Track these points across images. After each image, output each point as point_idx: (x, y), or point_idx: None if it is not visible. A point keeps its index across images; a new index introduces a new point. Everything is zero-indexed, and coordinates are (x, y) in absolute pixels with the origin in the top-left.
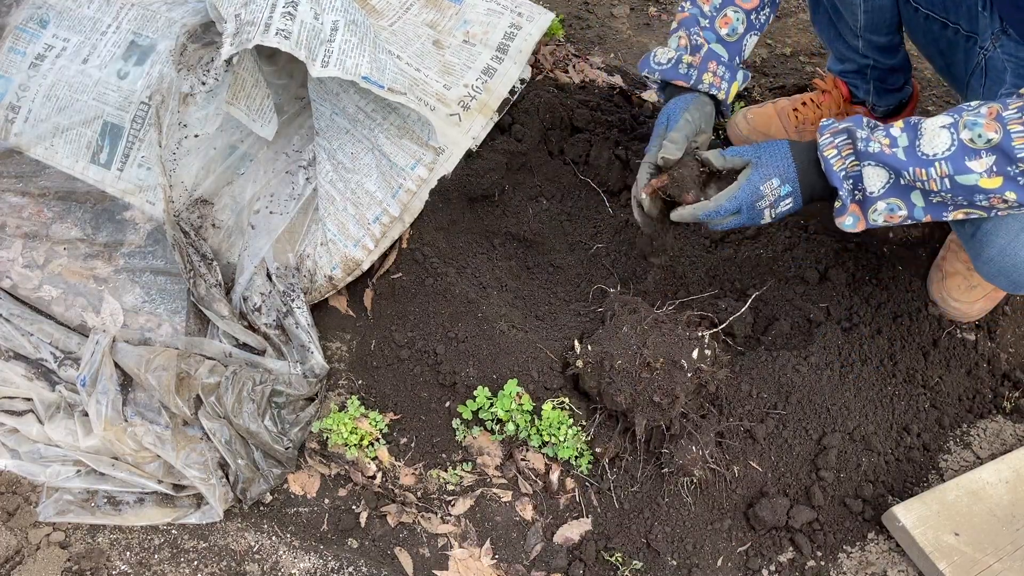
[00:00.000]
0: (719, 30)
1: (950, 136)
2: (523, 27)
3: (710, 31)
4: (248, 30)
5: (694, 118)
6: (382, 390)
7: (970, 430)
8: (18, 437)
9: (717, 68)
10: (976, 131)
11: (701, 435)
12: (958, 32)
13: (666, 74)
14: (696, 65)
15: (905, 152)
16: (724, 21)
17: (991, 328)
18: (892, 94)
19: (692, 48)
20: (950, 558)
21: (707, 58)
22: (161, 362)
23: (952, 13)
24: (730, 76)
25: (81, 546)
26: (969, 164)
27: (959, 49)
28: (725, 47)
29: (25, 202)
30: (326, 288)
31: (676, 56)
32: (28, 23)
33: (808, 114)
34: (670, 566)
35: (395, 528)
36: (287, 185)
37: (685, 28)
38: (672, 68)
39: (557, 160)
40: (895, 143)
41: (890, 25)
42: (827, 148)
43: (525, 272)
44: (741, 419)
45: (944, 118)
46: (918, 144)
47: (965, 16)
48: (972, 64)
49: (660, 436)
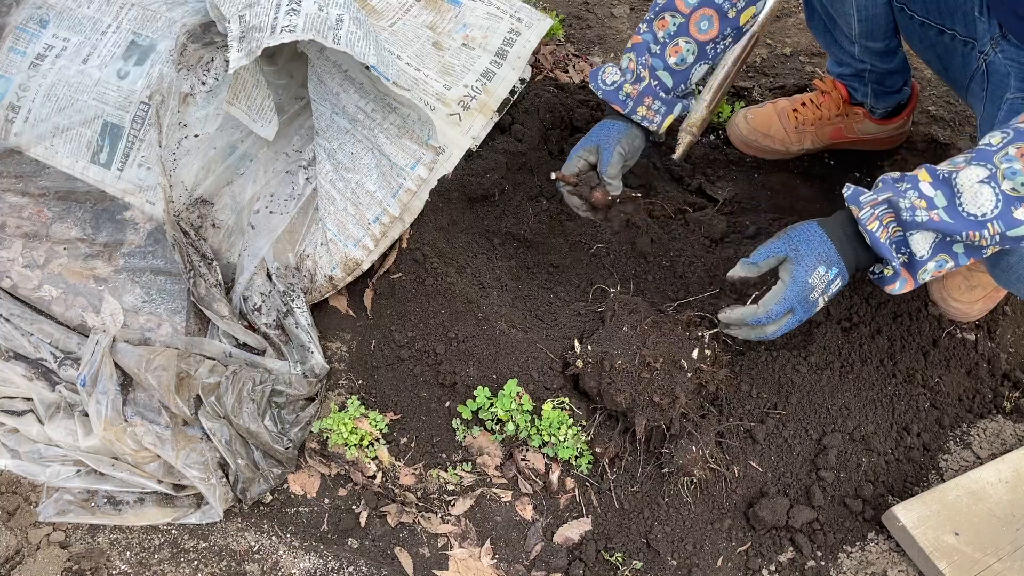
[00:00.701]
0: (668, 58)
1: (992, 192)
2: (522, 32)
3: (659, 58)
4: (255, 36)
5: (625, 151)
6: (382, 390)
7: (970, 430)
8: (18, 437)
9: (652, 103)
10: (1018, 180)
11: (701, 435)
12: (955, 38)
13: (607, 96)
14: (633, 97)
15: (949, 213)
16: (674, 50)
17: (991, 328)
18: (891, 96)
19: (635, 77)
20: (950, 558)
21: (644, 92)
22: (161, 362)
23: (948, 19)
24: (665, 110)
25: (81, 546)
26: (1017, 215)
27: (956, 54)
28: (671, 74)
29: (25, 202)
30: (326, 288)
31: (620, 81)
32: (28, 23)
33: (808, 114)
34: (670, 566)
35: (395, 528)
36: (287, 185)
37: (635, 53)
38: (613, 92)
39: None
40: (932, 204)
41: (886, 31)
42: (869, 222)
43: (525, 272)
44: (741, 419)
45: (978, 170)
46: (960, 204)
47: (961, 22)
48: (971, 68)
49: (660, 436)
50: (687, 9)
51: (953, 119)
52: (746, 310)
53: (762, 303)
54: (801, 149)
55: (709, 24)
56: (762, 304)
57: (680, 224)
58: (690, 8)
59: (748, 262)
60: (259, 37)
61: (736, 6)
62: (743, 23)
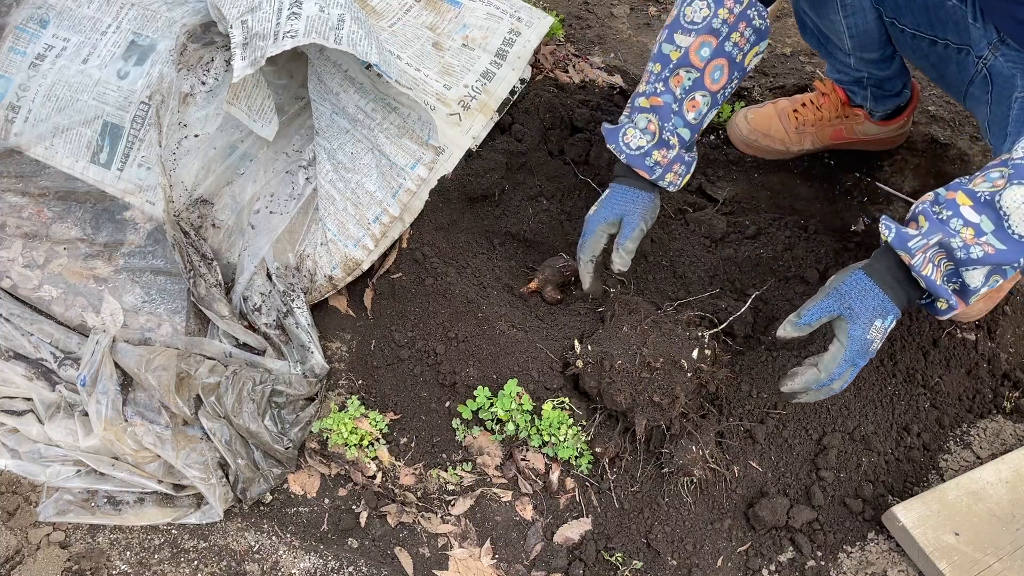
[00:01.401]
0: (686, 114)
1: None
2: (522, 32)
3: (679, 116)
4: (259, 44)
5: (648, 224)
6: (382, 390)
7: (970, 430)
8: (18, 437)
9: (679, 168)
10: None
11: (701, 435)
12: (948, 46)
13: (632, 161)
14: (663, 165)
15: (999, 238)
16: (692, 105)
17: (991, 328)
18: (891, 99)
19: (661, 143)
20: (950, 558)
21: (674, 160)
22: (161, 362)
23: (939, 30)
24: (685, 172)
25: (81, 546)
26: None
27: (951, 62)
28: (690, 129)
29: (25, 202)
30: (326, 288)
31: (646, 148)
32: (28, 23)
33: (808, 115)
34: (670, 566)
35: (395, 528)
36: (287, 185)
37: (657, 116)
38: (639, 158)
39: (557, 160)
40: (980, 231)
41: (880, 42)
42: (924, 267)
43: (525, 272)
44: (741, 419)
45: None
46: (1009, 227)
47: (953, 31)
48: (968, 74)
49: (660, 436)
50: (701, 63)
51: (953, 119)
52: (808, 377)
53: (823, 368)
54: (801, 149)
55: (720, 73)
56: (824, 369)
57: (680, 224)
58: (704, 61)
59: (799, 323)
60: (263, 46)
61: (743, 50)
62: (747, 64)
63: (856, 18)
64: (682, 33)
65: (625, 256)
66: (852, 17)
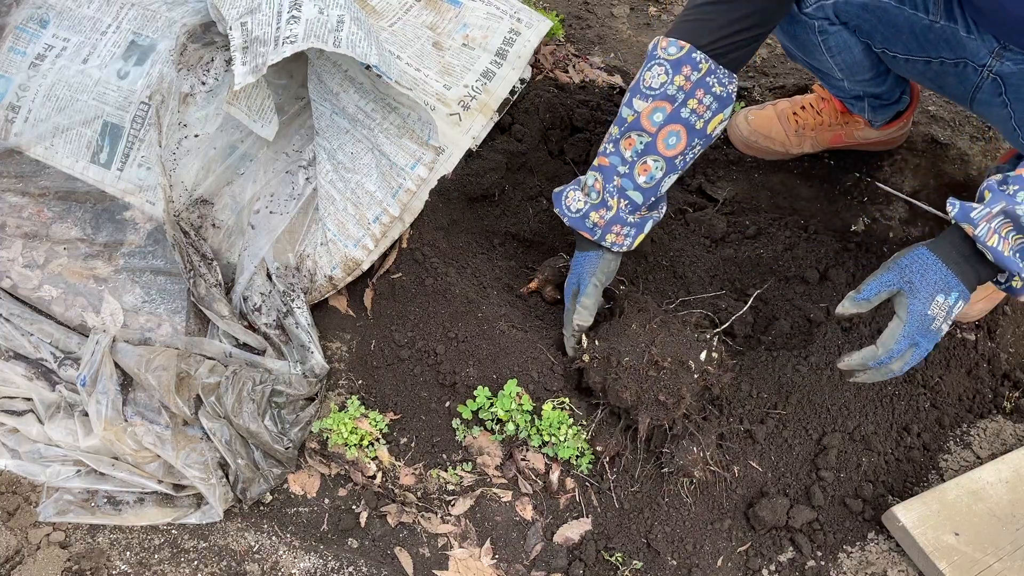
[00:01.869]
0: (637, 177)
1: None
2: (522, 33)
3: (628, 178)
4: (260, 51)
5: (601, 281)
6: (382, 390)
7: (970, 430)
8: (18, 437)
9: (621, 229)
10: None
11: (703, 436)
12: (944, 63)
13: (573, 223)
14: (601, 226)
15: None
16: (643, 168)
17: (991, 328)
18: (890, 107)
19: (600, 204)
20: (950, 558)
21: (612, 221)
22: (161, 362)
23: (932, 51)
24: (635, 232)
25: (81, 546)
26: None
27: (949, 75)
28: (641, 193)
29: (25, 202)
30: (326, 288)
31: (584, 209)
32: (28, 23)
33: (808, 118)
34: (670, 566)
35: (395, 528)
36: (287, 185)
37: (602, 176)
38: (579, 220)
39: (557, 160)
40: None
41: (871, 66)
42: (988, 238)
43: (525, 272)
44: (741, 420)
45: None
46: None
47: (947, 49)
48: (972, 83)
49: (661, 436)
50: (653, 128)
51: (953, 119)
52: (865, 353)
53: (881, 344)
54: (801, 151)
55: (677, 139)
56: (881, 345)
57: (680, 224)
58: (656, 126)
59: (858, 298)
60: (263, 52)
61: (703, 117)
62: (711, 131)
63: (843, 55)
64: (639, 98)
65: (583, 312)
66: (839, 56)
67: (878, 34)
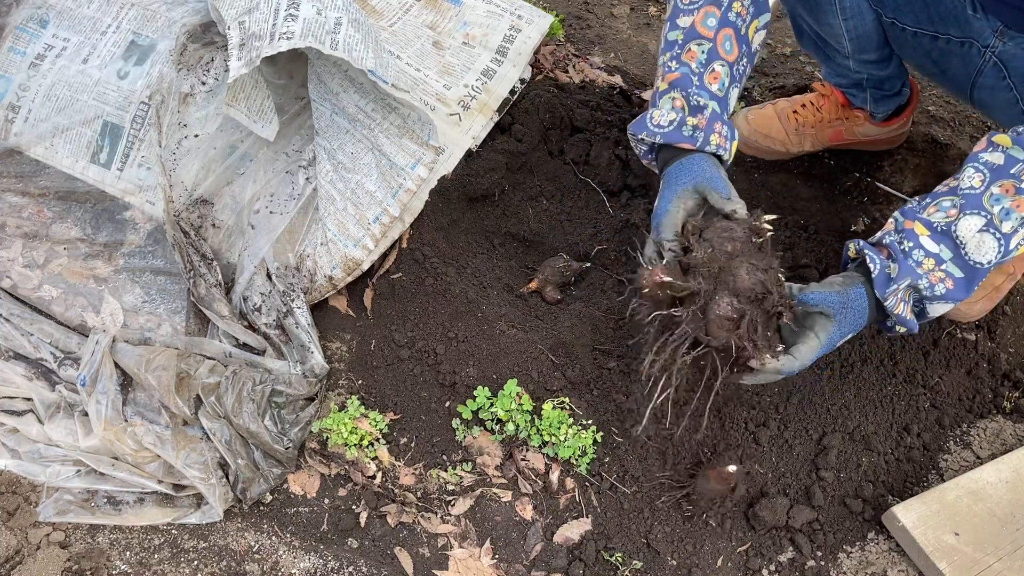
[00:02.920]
0: (709, 86)
1: (994, 239)
2: (522, 30)
3: (703, 89)
4: (255, 45)
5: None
6: (382, 390)
7: (970, 430)
8: (18, 437)
9: (722, 128)
10: (1013, 217)
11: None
12: (950, 41)
13: (669, 137)
14: (702, 127)
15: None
16: (713, 76)
17: (991, 328)
18: (891, 99)
19: (693, 109)
20: (950, 558)
21: (713, 119)
22: (161, 362)
23: (941, 26)
24: (730, 134)
25: (81, 546)
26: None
27: (954, 56)
28: (718, 103)
29: (25, 202)
30: (326, 288)
31: (678, 118)
32: (28, 23)
33: (807, 116)
34: (670, 566)
35: (395, 528)
36: (287, 185)
37: (679, 89)
38: (675, 131)
39: (557, 160)
40: (940, 259)
41: (878, 44)
42: (897, 307)
43: (525, 272)
44: (743, 420)
45: (975, 220)
46: (966, 255)
47: (955, 25)
48: (975, 65)
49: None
50: (710, 33)
51: (953, 119)
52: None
53: (798, 355)
54: (801, 151)
55: (731, 44)
56: (798, 357)
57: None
58: (712, 31)
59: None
60: (258, 46)
61: (746, 22)
62: (751, 39)
63: (855, 20)
64: (684, 15)
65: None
66: (851, 20)
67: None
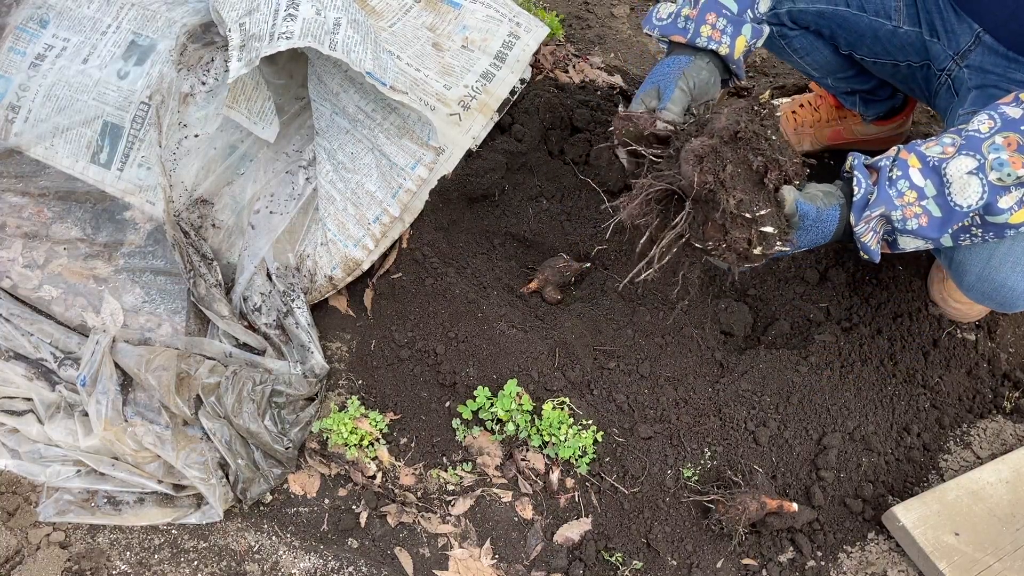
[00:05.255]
0: None
1: (980, 183)
2: (521, 37)
3: None
4: (254, 45)
5: (690, 85)
6: (382, 390)
7: (970, 430)
8: (18, 437)
9: (716, 20)
10: (1005, 171)
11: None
12: (911, 66)
13: (664, 30)
14: (693, 18)
15: (938, 203)
16: None
17: (991, 328)
18: (882, 103)
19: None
20: (950, 558)
21: (705, 9)
22: (161, 362)
23: (899, 54)
24: (732, 30)
25: (81, 546)
26: (1001, 203)
27: (916, 78)
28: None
29: (25, 202)
30: (326, 288)
31: (676, 10)
32: (28, 23)
33: (806, 116)
34: (670, 566)
35: (395, 528)
36: (287, 185)
37: None
38: (671, 23)
39: (557, 160)
40: (923, 194)
41: (846, 67)
42: (864, 235)
43: (525, 272)
44: (743, 420)
45: (967, 160)
46: (949, 194)
47: (912, 52)
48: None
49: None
50: None
51: None
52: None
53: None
54: (801, 150)
55: None
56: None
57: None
58: None
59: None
60: (257, 47)
61: None
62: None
63: (812, 56)
64: None
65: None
66: (807, 56)
67: (841, 39)
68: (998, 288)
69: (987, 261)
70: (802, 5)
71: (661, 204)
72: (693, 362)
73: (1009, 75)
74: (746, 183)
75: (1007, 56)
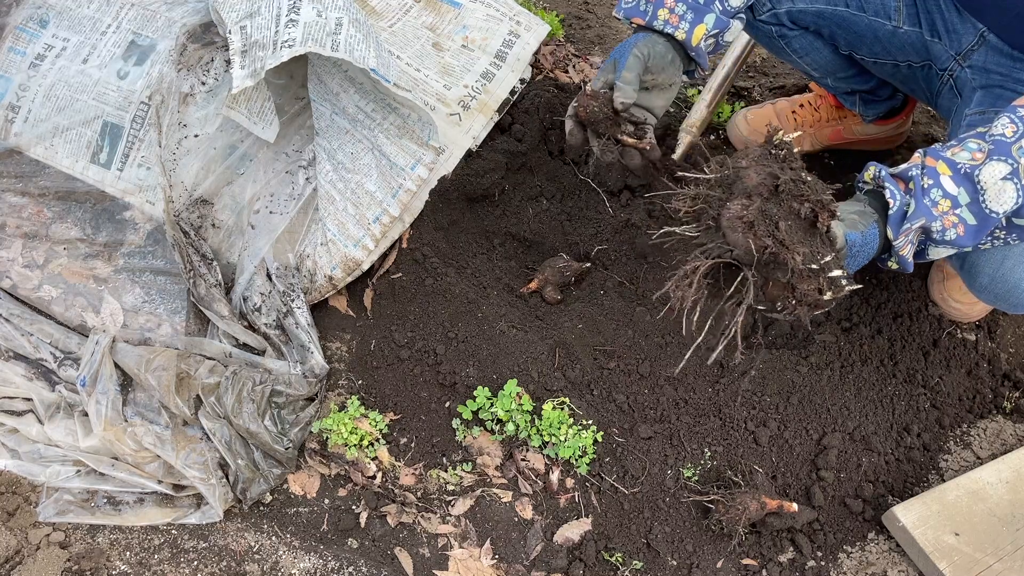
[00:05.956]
0: None
1: (1015, 188)
2: (521, 35)
3: None
4: (258, 55)
5: (644, 55)
6: (382, 390)
7: (970, 430)
8: (18, 437)
9: (676, 5)
10: None
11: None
12: (911, 66)
13: (628, 12)
14: (653, 1)
15: (973, 211)
16: None
17: (991, 328)
18: (882, 103)
19: None
20: (950, 558)
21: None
22: (161, 362)
23: (899, 54)
24: (693, 17)
25: (81, 546)
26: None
27: (917, 78)
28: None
29: (25, 202)
30: (326, 288)
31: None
32: (28, 23)
33: (806, 116)
34: (670, 566)
35: (395, 528)
36: (287, 185)
37: None
38: (634, 6)
39: (557, 160)
40: (956, 202)
41: (845, 67)
42: (903, 248)
43: (525, 272)
44: (743, 420)
45: (1000, 166)
46: (983, 201)
47: (912, 52)
48: (935, 85)
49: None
50: None
51: None
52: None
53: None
54: (801, 151)
55: None
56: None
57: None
58: None
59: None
60: (262, 56)
61: None
62: None
63: (812, 56)
64: None
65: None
66: (807, 56)
67: (840, 39)
68: (1012, 289)
69: (1001, 262)
70: (801, 5)
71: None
72: (693, 362)
73: (1014, 75)
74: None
75: (1012, 56)
